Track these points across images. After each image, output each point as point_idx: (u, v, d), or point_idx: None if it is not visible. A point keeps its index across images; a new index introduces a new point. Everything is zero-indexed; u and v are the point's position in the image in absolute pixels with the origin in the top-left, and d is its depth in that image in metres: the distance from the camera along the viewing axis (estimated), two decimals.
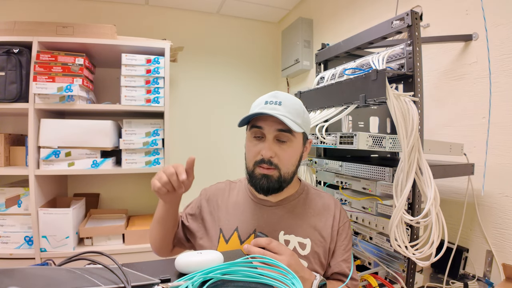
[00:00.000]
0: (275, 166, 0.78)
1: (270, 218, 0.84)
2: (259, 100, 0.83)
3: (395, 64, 0.86)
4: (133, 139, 1.74)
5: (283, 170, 0.79)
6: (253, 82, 2.69)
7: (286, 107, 0.78)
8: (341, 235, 0.85)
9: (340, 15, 1.94)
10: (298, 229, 0.82)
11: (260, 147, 0.79)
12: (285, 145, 0.79)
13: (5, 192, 1.62)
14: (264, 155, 0.77)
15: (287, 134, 0.78)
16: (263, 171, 0.79)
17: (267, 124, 0.78)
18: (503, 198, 1.02)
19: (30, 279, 0.46)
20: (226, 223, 0.85)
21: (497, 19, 1.04)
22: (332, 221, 0.85)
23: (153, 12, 2.38)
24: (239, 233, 0.82)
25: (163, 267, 0.59)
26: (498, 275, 1.01)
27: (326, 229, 0.84)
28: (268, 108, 0.78)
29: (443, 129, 1.23)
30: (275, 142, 0.79)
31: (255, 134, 0.80)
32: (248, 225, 0.83)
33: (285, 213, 0.84)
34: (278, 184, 0.79)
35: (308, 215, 0.85)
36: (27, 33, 1.60)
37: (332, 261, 0.84)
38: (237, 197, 0.89)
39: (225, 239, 0.83)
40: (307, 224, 0.84)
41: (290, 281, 0.53)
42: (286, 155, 0.79)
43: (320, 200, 0.89)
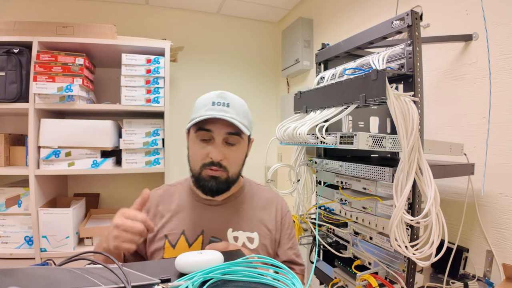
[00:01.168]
0: (224, 168, 0.79)
1: (217, 217, 0.85)
2: (205, 100, 0.80)
3: (395, 64, 0.86)
4: (133, 139, 1.74)
5: (231, 171, 0.81)
6: (253, 82, 2.69)
7: (234, 109, 0.79)
8: (284, 225, 0.91)
9: (340, 15, 1.94)
10: (246, 224, 0.85)
11: (208, 150, 0.78)
12: (233, 147, 0.80)
13: (5, 192, 1.62)
14: (214, 158, 0.77)
15: (236, 136, 0.79)
16: (211, 173, 0.79)
17: (217, 127, 0.77)
18: (503, 198, 1.02)
19: (30, 279, 0.46)
20: (171, 228, 0.83)
21: (497, 19, 1.04)
22: (275, 212, 0.91)
23: (153, 12, 2.38)
24: (186, 236, 0.82)
25: (163, 267, 0.59)
26: (498, 275, 1.01)
27: (271, 222, 0.89)
28: (217, 110, 0.76)
29: (443, 129, 1.23)
30: (224, 145, 0.79)
31: (202, 136, 0.79)
32: (195, 227, 0.83)
33: (232, 211, 0.87)
34: (227, 185, 0.81)
35: (254, 210, 0.89)
36: (27, 33, 1.60)
37: (279, 250, 0.89)
38: (179, 201, 0.88)
39: (171, 245, 0.81)
40: (254, 219, 0.87)
41: (290, 281, 0.53)
42: (235, 157, 0.81)
43: (262, 194, 0.93)
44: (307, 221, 1.15)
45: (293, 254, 0.91)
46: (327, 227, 1.09)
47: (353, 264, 0.96)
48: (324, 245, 1.05)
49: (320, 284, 1.17)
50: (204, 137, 0.79)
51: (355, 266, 0.96)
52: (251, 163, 3.12)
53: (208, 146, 0.79)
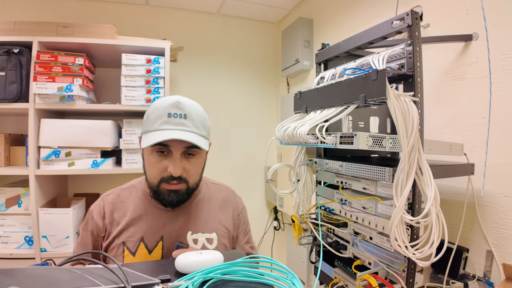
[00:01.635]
0: (184, 180, 0.77)
1: (176, 221, 0.84)
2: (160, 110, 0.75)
3: (395, 64, 0.86)
4: (133, 139, 1.74)
5: (191, 182, 0.80)
6: (253, 82, 2.69)
7: (192, 120, 0.76)
8: (240, 222, 0.94)
9: (340, 15, 1.94)
10: (204, 226, 0.86)
11: (166, 164, 0.75)
12: (193, 158, 0.78)
13: (5, 192, 1.62)
14: (174, 173, 0.74)
15: (195, 149, 0.77)
16: (170, 187, 0.77)
17: (174, 142, 0.73)
18: (503, 198, 1.02)
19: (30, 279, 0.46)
20: (129, 235, 0.81)
21: (497, 19, 1.04)
22: (232, 211, 0.93)
23: (153, 12, 2.38)
24: (145, 243, 0.80)
25: (163, 267, 0.59)
26: (498, 275, 1.01)
27: (228, 221, 0.91)
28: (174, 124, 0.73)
29: (443, 129, 1.23)
30: (182, 157, 0.76)
31: (159, 149, 0.75)
32: (155, 233, 0.81)
33: (189, 214, 0.86)
34: (187, 196, 0.81)
35: (212, 211, 0.90)
36: (27, 33, 1.60)
37: (237, 245, 0.91)
38: (135, 207, 0.85)
39: (131, 252, 0.80)
40: (212, 220, 0.88)
41: (290, 281, 0.53)
42: (194, 168, 0.79)
43: (219, 194, 0.94)
44: (307, 221, 1.14)
45: (249, 247, 0.96)
46: (327, 227, 1.09)
47: (353, 264, 0.96)
48: (324, 245, 1.05)
49: (320, 284, 1.17)
50: (161, 149, 0.75)
51: (355, 266, 0.96)
52: (251, 163, 3.12)
53: (165, 160, 0.75)
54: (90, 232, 0.85)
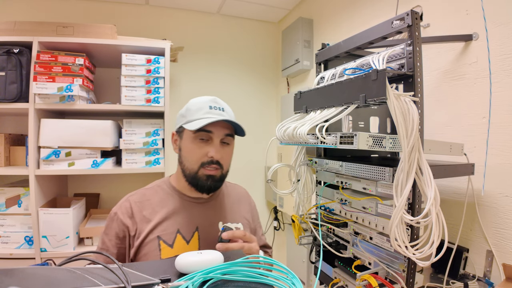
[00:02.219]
0: (220, 166, 0.87)
1: (208, 213, 0.92)
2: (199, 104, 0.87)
3: (395, 64, 0.86)
4: (133, 139, 1.74)
5: (225, 169, 0.90)
6: (253, 82, 2.69)
7: (228, 113, 0.88)
8: (255, 215, 1.05)
9: (340, 15, 1.94)
10: (231, 217, 0.95)
11: (207, 149, 0.85)
12: (227, 147, 0.89)
13: (5, 192, 1.62)
14: (215, 156, 0.84)
15: (230, 137, 0.89)
16: (208, 172, 0.85)
17: (217, 129, 0.85)
18: (503, 198, 1.02)
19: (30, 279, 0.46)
20: (164, 229, 0.85)
21: (497, 19, 1.04)
22: (248, 205, 1.04)
23: (153, 12, 2.38)
24: (182, 235, 0.86)
25: (163, 267, 0.59)
26: (498, 275, 1.01)
27: (247, 213, 1.01)
28: (216, 114, 0.85)
29: (443, 129, 1.23)
30: (220, 145, 0.87)
31: (201, 137, 0.85)
32: (190, 225, 0.88)
33: (217, 206, 0.95)
34: (220, 183, 0.90)
35: (233, 204, 0.99)
36: (27, 33, 1.60)
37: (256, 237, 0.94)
38: (165, 202, 0.90)
39: (168, 244, 0.84)
40: (235, 212, 0.97)
41: (290, 281, 0.53)
42: (228, 156, 0.90)
43: (235, 190, 1.05)
44: (307, 221, 1.15)
45: (265, 239, 1.08)
46: (327, 227, 1.09)
47: (353, 264, 0.96)
48: (324, 245, 1.05)
49: (320, 284, 1.17)
50: (203, 137, 0.85)
51: (355, 266, 0.96)
52: (251, 163, 3.13)
53: (206, 146, 0.85)
54: (115, 235, 0.86)
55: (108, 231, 0.88)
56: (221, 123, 0.85)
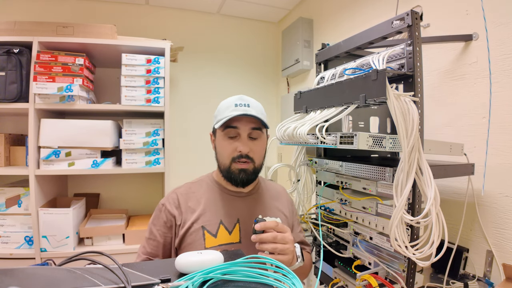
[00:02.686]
0: (251, 159, 0.90)
1: (247, 206, 0.95)
2: (227, 103, 0.92)
3: (395, 64, 0.86)
4: (133, 139, 1.74)
5: (257, 162, 0.92)
6: (253, 82, 2.69)
7: (254, 108, 0.91)
8: (293, 212, 1.06)
9: (340, 15, 1.94)
10: (270, 211, 0.97)
11: (236, 145, 0.89)
12: (256, 141, 0.92)
13: (5, 192, 1.62)
14: (243, 150, 0.88)
15: (258, 131, 0.91)
16: (240, 166, 0.89)
17: (242, 124, 0.89)
18: (503, 198, 1.02)
19: (30, 279, 0.46)
20: (207, 219, 0.90)
21: (497, 19, 1.04)
22: (286, 202, 1.05)
23: (153, 12, 2.38)
24: (225, 225, 0.90)
25: (163, 267, 0.59)
26: (499, 275, 1.00)
27: (285, 209, 1.02)
28: (241, 110, 0.88)
29: (443, 129, 1.23)
30: (248, 139, 0.90)
31: (229, 134, 0.90)
32: (231, 216, 0.92)
33: (257, 201, 0.98)
34: (254, 176, 0.93)
35: (272, 199, 1.01)
36: (27, 33, 1.60)
37: (293, 233, 0.99)
38: (208, 195, 0.95)
39: (212, 234, 0.88)
40: (273, 207, 1.00)
41: (291, 281, 0.53)
42: (258, 149, 0.92)
43: (273, 187, 1.07)
44: (307, 221, 1.15)
45: (303, 236, 1.06)
46: (327, 227, 1.09)
47: (353, 264, 0.96)
48: (324, 245, 1.05)
49: (320, 284, 1.17)
50: (231, 134, 0.90)
51: (355, 266, 0.96)
52: None
53: (235, 142, 0.90)
54: (163, 224, 0.91)
55: (156, 222, 0.93)
56: (247, 118, 0.88)
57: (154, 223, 0.94)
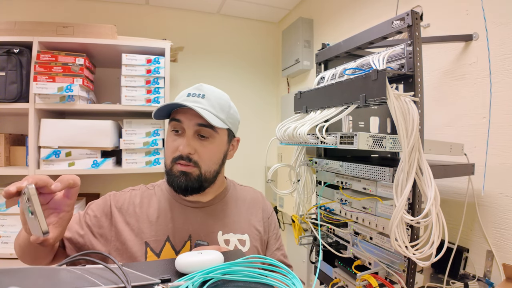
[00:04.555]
0: (194, 163, 0.73)
1: (205, 219, 0.79)
2: (182, 92, 0.77)
3: (395, 64, 0.86)
4: (133, 139, 1.74)
5: (204, 168, 0.74)
6: (253, 82, 2.69)
7: (209, 101, 0.74)
8: (270, 225, 0.89)
9: (341, 15, 1.94)
10: (235, 226, 0.81)
11: (178, 143, 0.73)
12: (206, 141, 0.75)
13: None
14: (181, 151, 0.72)
15: (208, 129, 0.74)
16: (181, 168, 0.73)
17: (187, 117, 0.73)
18: (504, 198, 1.02)
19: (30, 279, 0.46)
20: (153, 234, 0.75)
21: (497, 19, 1.04)
22: (262, 213, 0.88)
23: (153, 12, 2.38)
24: (171, 243, 0.75)
25: (163, 267, 0.59)
26: (499, 275, 1.00)
27: (259, 222, 0.86)
28: (190, 101, 0.73)
29: (443, 129, 1.23)
30: (195, 138, 0.74)
31: (174, 127, 0.75)
32: (182, 232, 0.76)
33: (219, 212, 0.81)
34: (198, 184, 0.74)
35: (241, 210, 0.85)
36: (28, 33, 1.60)
37: (267, 251, 0.86)
38: (159, 204, 0.79)
39: (155, 253, 0.73)
40: (243, 220, 0.83)
41: (291, 281, 0.53)
42: (207, 152, 0.75)
43: (247, 194, 0.90)
44: (307, 221, 1.14)
45: (281, 255, 0.89)
46: (327, 227, 1.09)
47: (353, 264, 0.96)
48: (325, 245, 1.05)
49: (320, 284, 1.17)
50: (176, 127, 0.75)
51: (355, 266, 0.96)
52: (251, 163, 3.12)
53: (179, 139, 0.74)
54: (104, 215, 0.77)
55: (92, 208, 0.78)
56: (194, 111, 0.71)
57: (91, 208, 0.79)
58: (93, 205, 0.79)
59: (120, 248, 0.74)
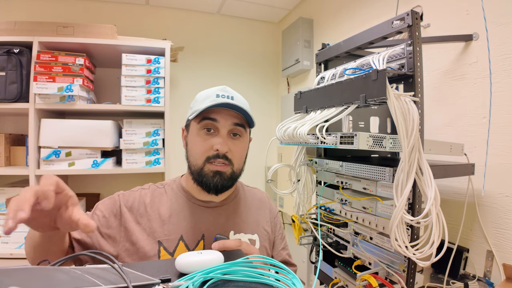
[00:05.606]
0: (229, 161, 0.75)
1: (217, 219, 0.80)
2: (207, 93, 0.77)
3: (395, 64, 0.86)
4: (133, 139, 1.74)
5: (236, 166, 0.77)
6: (253, 82, 2.69)
7: (239, 102, 0.75)
8: (276, 225, 0.90)
9: (341, 15, 1.94)
10: (246, 226, 0.82)
11: (213, 142, 0.74)
12: (237, 140, 0.77)
13: (5, 192, 1.62)
14: (220, 149, 0.73)
15: (241, 128, 0.77)
16: (215, 167, 0.74)
17: (222, 117, 0.74)
18: (504, 198, 1.02)
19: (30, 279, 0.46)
20: (165, 234, 0.74)
21: (497, 19, 1.04)
22: (269, 213, 0.90)
23: (154, 12, 2.38)
24: (185, 242, 0.75)
25: (163, 267, 0.59)
26: (499, 275, 1.00)
27: (266, 222, 0.87)
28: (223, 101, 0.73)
29: (443, 129, 1.23)
30: (229, 137, 0.76)
31: (205, 126, 0.75)
32: (195, 231, 0.76)
33: (230, 212, 0.82)
34: (231, 182, 0.77)
35: (251, 211, 0.86)
36: (28, 33, 1.60)
37: (274, 251, 0.88)
38: (171, 203, 0.79)
39: (169, 252, 0.73)
40: (252, 220, 0.84)
41: (291, 281, 0.53)
42: (239, 150, 0.77)
43: (254, 195, 0.92)
44: (307, 221, 1.14)
45: (286, 254, 0.91)
46: (327, 227, 1.09)
47: (353, 264, 0.96)
48: (325, 245, 1.05)
49: (321, 284, 1.17)
50: (208, 126, 0.75)
51: (355, 266, 0.95)
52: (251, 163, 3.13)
53: (213, 138, 0.74)
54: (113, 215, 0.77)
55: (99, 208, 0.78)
56: (229, 112, 0.74)
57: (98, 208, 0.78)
58: (101, 205, 0.79)
59: (130, 248, 0.73)
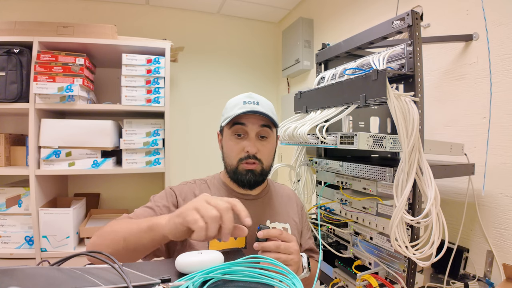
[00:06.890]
0: (258, 160, 0.86)
1: (255, 210, 0.89)
2: (235, 101, 0.88)
3: (395, 64, 0.86)
4: (133, 139, 1.74)
5: (265, 163, 0.87)
6: (253, 82, 2.69)
7: (264, 106, 0.86)
8: (303, 217, 1.00)
9: (341, 15, 1.94)
10: (279, 216, 0.92)
11: (243, 144, 0.85)
12: (265, 141, 0.88)
13: (5, 192, 1.62)
14: (250, 151, 0.84)
15: (268, 129, 0.87)
16: (247, 166, 0.85)
17: (250, 121, 0.85)
18: (504, 198, 1.02)
19: (30, 279, 0.46)
20: None
21: (497, 19, 1.04)
22: (296, 206, 0.99)
23: (154, 12, 2.38)
24: None
25: (163, 267, 0.59)
26: (499, 275, 1.00)
27: (295, 214, 0.97)
28: (249, 107, 0.84)
29: (443, 129, 1.23)
30: (257, 139, 0.86)
31: (236, 131, 0.86)
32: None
33: (265, 204, 0.93)
34: (262, 177, 0.88)
35: (281, 204, 0.96)
36: (28, 33, 1.60)
37: (302, 240, 0.97)
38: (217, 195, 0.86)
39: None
40: (283, 212, 0.94)
41: (291, 281, 0.53)
42: (267, 149, 0.88)
43: (283, 190, 1.02)
44: (308, 221, 1.14)
45: (312, 243, 1.01)
46: (327, 227, 1.09)
47: (354, 264, 0.96)
48: (325, 245, 1.05)
49: (321, 284, 1.17)
50: (238, 131, 0.85)
51: (356, 266, 0.96)
52: None
53: (243, 141, 0.86)
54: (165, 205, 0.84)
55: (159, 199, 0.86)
56: (255, 116, 0.85)
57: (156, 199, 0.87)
58: (157, 197, 0.87)
59: None
